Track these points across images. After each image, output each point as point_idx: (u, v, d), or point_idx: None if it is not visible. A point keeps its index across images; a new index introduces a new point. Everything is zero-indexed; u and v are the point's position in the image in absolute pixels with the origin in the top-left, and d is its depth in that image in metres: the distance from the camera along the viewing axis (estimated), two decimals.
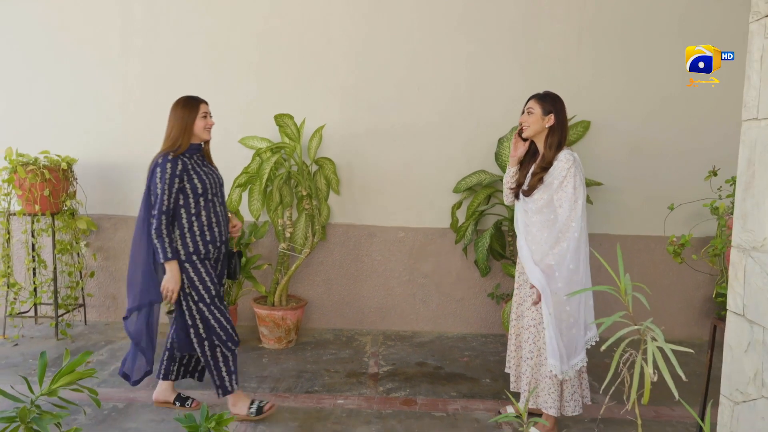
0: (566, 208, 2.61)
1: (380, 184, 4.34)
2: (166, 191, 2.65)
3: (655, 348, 1.13)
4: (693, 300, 4.35)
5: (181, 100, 2.86)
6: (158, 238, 2.65)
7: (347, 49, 4.26)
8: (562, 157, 2.66)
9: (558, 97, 2.79)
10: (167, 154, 2.70)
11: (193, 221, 2.73)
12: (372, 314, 4.43)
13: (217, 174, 2.92)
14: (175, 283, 2.69)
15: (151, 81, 4.32)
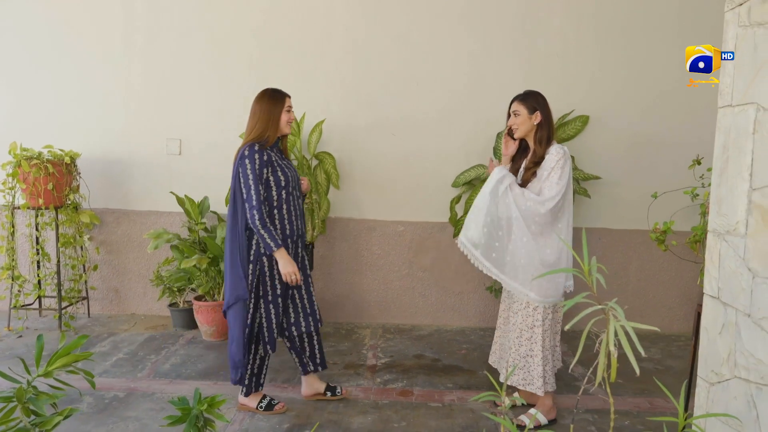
0: (547, 193, 2.70)
1: (380, 179, 4.37)
2: (258, 182, 2.64)
3: (618, 326, 1.15)
4: (692, 294, 4.36)
5: (267, 92, 2.83)
6: (264, 228, 2.63)
7: (348, 44, 4.29)
8: (553, 150, 2.74)
9: (539, 93, 2.87)
10: (253, 145, 2.69)
11: (274, 214, 2.73)
12: (371, 308, 4.46)
13: (294, 168, 2.92)
14: (293, 265, 2.70)
15: (153, 77, 4.37)
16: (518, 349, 2.85)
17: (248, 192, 2.64)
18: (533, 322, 2.80)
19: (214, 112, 4.38)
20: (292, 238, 2.80)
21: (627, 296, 4.37)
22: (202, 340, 3.96)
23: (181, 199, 3.97)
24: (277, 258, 2.69)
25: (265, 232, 2.64)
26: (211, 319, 3.87)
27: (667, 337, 4.26)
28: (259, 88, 4.40)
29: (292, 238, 2.81)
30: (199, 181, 4.39)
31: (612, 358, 1.18)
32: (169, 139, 4.41)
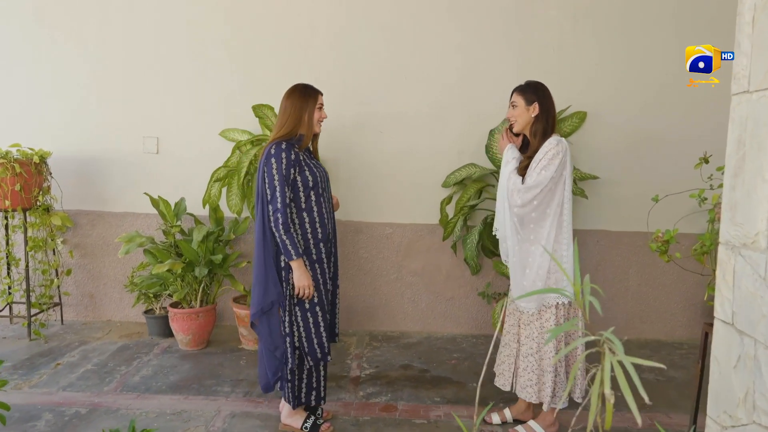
0: (533, 179, 2.51)
1: (367, 179, 4.16)
2: (284, 183, 2.45)
3: (615, 361, 0.94)
4: (695, 299, 4.14)
5: (299, 87, 2.64)
6: (287, 233, 2.43)
7: (333, 38, 4.08)
8: (547, 143, 2.54)
9: (541, 84, 2.65)
10: (280, 143, 2.49)
11: (304, 217, 2.54)
12: (358, 314, 4.25)
13: (324, 169, 2.72)
14: (308, 278, 2.50)
15: (129, 72, 4.15)
16: (540, 364, 2.62)
17: (273, 193, 2.45)
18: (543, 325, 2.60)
19: (193, 109, 4.17)
20: (324, 241, 2.61)
21: (627, 301, 4.16)
22: (178, 349, 3.74)
23: (155, 200, 3.76)
24: (294, 268, 2.48)
25: (287, 238, 2.44)
26: (187, 327, 3.66)
27: (669, 344, 4.05)
28: (239, 82, 4.25)
29: (325, 242, 2.61)
30: (177, 181, 4.18)
31: (608, 403, 0.96)
32: (146, 137, 4.20)
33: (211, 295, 3.84)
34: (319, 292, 2.58)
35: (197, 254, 3.59)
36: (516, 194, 2.51)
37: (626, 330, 4.16)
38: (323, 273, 2.61)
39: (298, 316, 2.56)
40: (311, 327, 2.58)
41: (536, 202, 2.49)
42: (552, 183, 2.48)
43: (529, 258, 2.56)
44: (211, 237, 3.69)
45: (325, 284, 2.62)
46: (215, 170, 3.79)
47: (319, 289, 2.58)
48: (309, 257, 2.57)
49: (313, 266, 2.58)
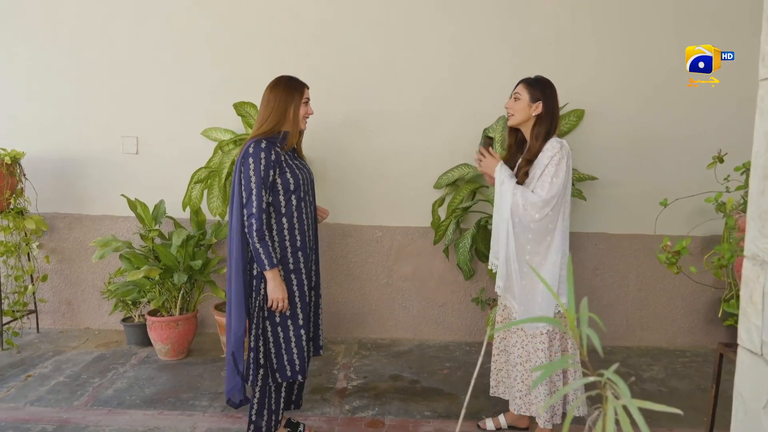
0: (542, 193, 2.34)
1: (356, 180, 3.99)
2: (262, 186, 2.25)
3: (619, 407, 0.76)
4: (697, 304, 3.98)
5: (284, 79, 2.43)
6: (261, 241, 2.23)
7: (320, 32, 3.91)
8: (549, 145, 2.39)
9: (549, 83, 2.49)
10: (260, 141, 2.28)
11: (283, 223, 2.33)
12: (347, 321, 4.08)
13: (309, 169, 2.52)
14: (283, 290, 2.30)
15: (107, 68, 3.97)
16: (524, 378, 2.48)
17: (248, 197, 2.25)
18: (536, 345, 2.43)
19: (174, 107, 3.99)
20: (304, 251, 2.39)
21: (626, 307, 3.99)
22: (157, 359, 3.57)
23: (132, 202, 3.58)
24: (268, 278, 2.28)
25: (261, 246, 2.24)
26: (165, 336, 3.48)
27: (670, 352, 3.88)
28: (222, 79, 4.06)
29: (305, 252, 2.40)
30: (158, 182, 4.00)
31: None
32: (125, 137, 4.02)
33: (191, 302, 3.66)
34: (293, 305, 2.38)
35: (176, 260, 3.42)
36: (532, 209, 2.33)
37: (626, 337, 4.00)
38: (300, 284, 2.40)
39: (267, 330, 2.36)
40: (281, 342, 2.38)
41: (552, 213, 2.35)
42: (563, 189, 2.34)
43: (542, 273, 2.39)
44: (191, 241, 3.51)
45: (303, 296, 2.41)
46: (195, 171, 3.62)
47: (293, 301, 2.38)
48: (285, 266, 2.37)
49: (288, 276, 2.37)
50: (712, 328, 3.98)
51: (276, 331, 2.38)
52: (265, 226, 2.28)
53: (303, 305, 2.42)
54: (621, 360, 3.71)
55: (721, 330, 3.96)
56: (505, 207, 2.39)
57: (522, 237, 2.38)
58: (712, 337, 3.98)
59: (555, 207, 2.34)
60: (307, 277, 2.44)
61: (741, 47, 3.36)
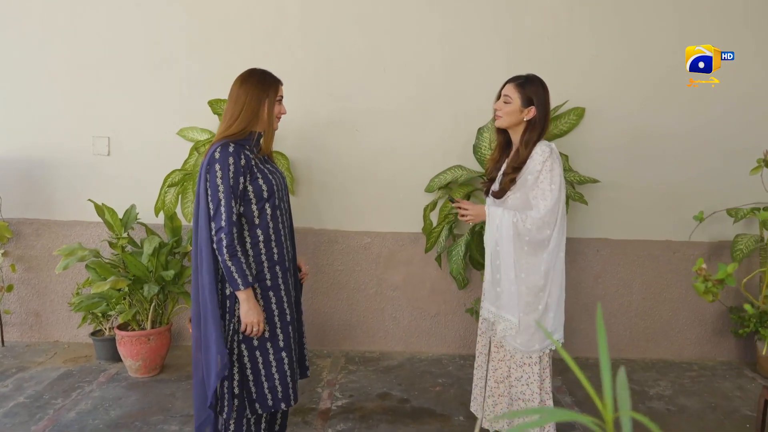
0: (542, 207, 2.14)
1: (342, 182, 3.75)
2: (231, 195, 1.99)
3: None
4: (705, 314, 3.76)
5: (257, 72, 2.17)
6: (232, 258, 1.98)
7: (304, 25, 3.66)
8: (538, 149, 2.20)
9: (541, 83, 2.27)
10: (227, 145, 2.02)
11: (258, 235, 2.08)
12: (333, 333, 3.84)
13: (281, 173, 2.26)
14: (257, 313, 2.05)
15: (76, 64, 3.72)
16: (509, 391, 2.27)
17: (216, 208, 1.99)
18: (522, 359, 2.22)
19: (148, 105, 3.74)
20: (282, 264, 2.15)
21: (630, 317, 3.76)
22: (127, 376, 3.32)
23: (100, 207, 3.33)
24: (241, 300, 2.03)
25: (233, 264, 1.98)
26: (136, 351, 3.23)
27: (677, 365, 3.66)
28: (199, 75, 3.80)
29: (282, 265, 2.15)
30: (131, 185, 3.75)
31: None
32: (96, 137, 3.77)
33: (164, 314, 3.41)
34: (273, 326, 2.13)
35: (147, 269, 3.17)
36: (537, 230, 2.15)
37: (629, 349, 3.77)
38: (279, 301, 2.15)
39: (243, 355, 2.11)
40: (261, 368, 2.12)
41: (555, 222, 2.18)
42: (560, 194, 2.16)
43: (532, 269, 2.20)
44: (164, 249, 3.27)
45: (282, 315, 2.16)
46: (169, 174, 3.38)
47: (272, 321, 2.13)
48: (262, 284, 2.11)
49: (266, 294, 2.12)
50: (720, 340, 3.75)
51: (254, 356, 2.12)
52: (237, 240, 2.02)
53: (283, 325, 2.17)
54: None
55: (730, 342, 3.74)
56: (506, 241, 2.19)
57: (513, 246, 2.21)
58: (721, 349, 3.76)
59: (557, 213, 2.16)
60: (286, 293, 2.19)
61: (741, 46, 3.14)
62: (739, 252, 3.35)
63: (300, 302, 2.40)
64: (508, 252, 2.17)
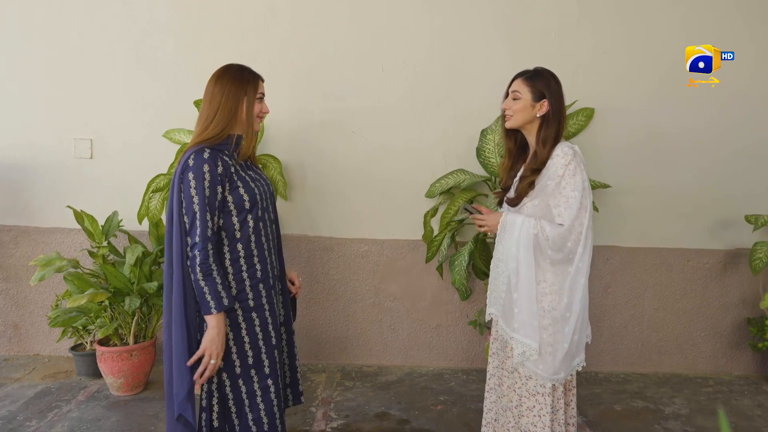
0: (566, 217, 1.91)
1: (338, 186, 3.55)
2: (207, 206, 1.80)
3: None
4: (721, 326, 3.56)
5: (233, 68, 1.97)
6: (206, 278, 1.79)
7: (297, 21, 3.46)
8: (559, 151, 1.96)
9: (552, 75, 2.06)
10: (202, 151, 1.83)
11: (238, 251, 1.89)
12: (329, 346, 3.64)
13: (266, 180, 2.07)
14: (220, 343, 1.82)
15: (57, 62, 3.51)
16: (518, 421, 2.06)
17: (192, 221, 1.80)
18: (536, 388, 2.01)
19: (132, 106, 3.54)
20: (266, 282, 1.96)
21: (642, 330, 3.56)
22: (108, 394, 3.11)
23: (79, 214, 3.13)
24: (210, 325, 1.81)
25: (206, 284, 1.79)
26: (117, 369, 3.03)
27: (692, 380, 3.46)
28: (187, 74, 3.56)
29: (267, 283, 1.97)
30: (115, 190, 3.56)
31: None
32: (78, 140, 3.57)
33: (149, 328, 3.21)
34: (257, 351, 1.93)
35: (128, 281, 2.97)
36: (561, 243, 1.91)
37: (641, 363, 3.57)
38: (264, 323, 1.95)
39: (225, 385, 1.91)
40: (244, 398, 1.92)
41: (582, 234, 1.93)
42: (584, 199, 1.92)
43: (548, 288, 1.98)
44: (147, 259, 3.06)
45: (267, 338, 1.96)
46: (153, 178, 3.17)
47: (257, 346, 1.93)
48: (244, 304, 1.91)
49: (248, 316, 1.92)
50: (736, 353, 3.56)
51: (236, 385, 1.92)
52: (213, 258, 1.81)
53: (269, 349, 1.96)
54: (638, 390, 3.29)
55: (747, 355, 3.55)
56: (526, 254, 1.95)
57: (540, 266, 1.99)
58: (737, 363, 3.57)
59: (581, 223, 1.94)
60: (271, 313, 1.98)
61: None
62: (759, 261, 3.15)
63: (291, 322, 2.20)
64: (529, 267, 1.95)
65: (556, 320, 1.96)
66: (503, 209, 2.15)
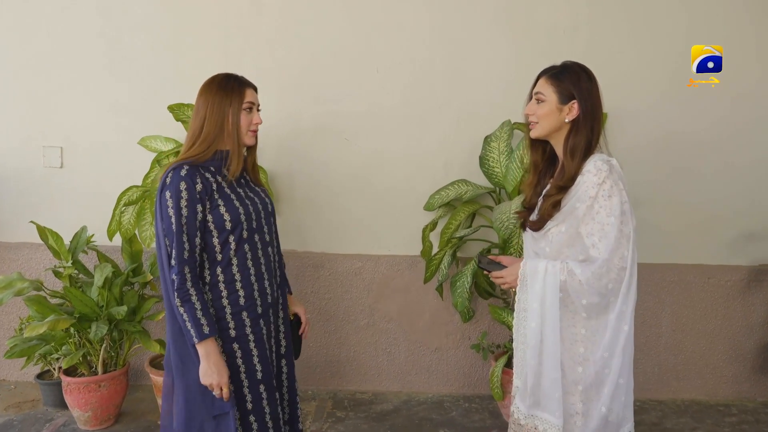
0: (602, 249, 1.56)
1: (330, 198, 3.28)
2: (183, 227, 1.68)
3: None
4: (743, 349, 3.29)
5: (218, 79, 1.83)
6: (184, 304, 1.67)
7: (285, 18, 3.19)
8: (591, 166, 1.61)
9: (583, 69, 1.70)
10: (180, 167, 1.71)
11: (218, 275, 1.75)
12: (320, 370, 3.36)
13: (263, 198, 1.92)
14: (220, 374, 1.68)
15: (26, 66, 3.24)
16: None
17: (171, 243, 1.69)
18: None
19: (106, 111, 3.27)
20: (251, 310, 1.79)
21: (658, 352, 3.30)
22: (76, 428, 2.83)
23: (42, 230, 2.84)
24: (200, 354, 1.68)
25: (185, 311, 1.67)
26: (84, 401, 2.75)
27: (713, 408, 3.19)
28: (165, 77, 3.25)
29: (253, 311, 1.80)
30: (87, 201, 3.29)
31: None
32: (47, 147, 3.29)
33: (120, 355, 2.92)
34: (238, 385, 1.77)
35: (95, 305, 2.68)
36: (597, 284, 1.56)
37: (658, 388, 3.30)
38: (247, 355, 1.77)
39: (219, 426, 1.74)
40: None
41: (626, 269, 1.58)
42: (623, 226, 1.57)
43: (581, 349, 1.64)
44: (118, 280, 2.78)
45: (251, 372, 1.78)
46: (125, 190, 2.89)
47: (238, 380, 1.77)
48: (224, 333, 1.75)
49: (229, 347, 1.76)
50: (761, 378, 3.29)
51: (211, 424, 1.75)
52: (191, 282, 1.67)
53: (253, 384, 1.80)
54: (656, 421, 3.02)
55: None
56: (552, 311, 1.61)
57: (571, 320, 1.65)
58: (761, 388, 3.30)
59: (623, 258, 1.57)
60: (257, 344, 1.80)
61: None
62: None
63: (291, 353, 2.01)
64: (554, 325, 1.61)
65: (589, 382, 1.61)
66: (525, 238, 1.84)
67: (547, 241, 1.68)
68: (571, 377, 1.62)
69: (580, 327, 1.62)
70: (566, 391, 1.62)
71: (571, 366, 1.62)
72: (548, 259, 1.66)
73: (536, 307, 1.63)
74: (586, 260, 1.58)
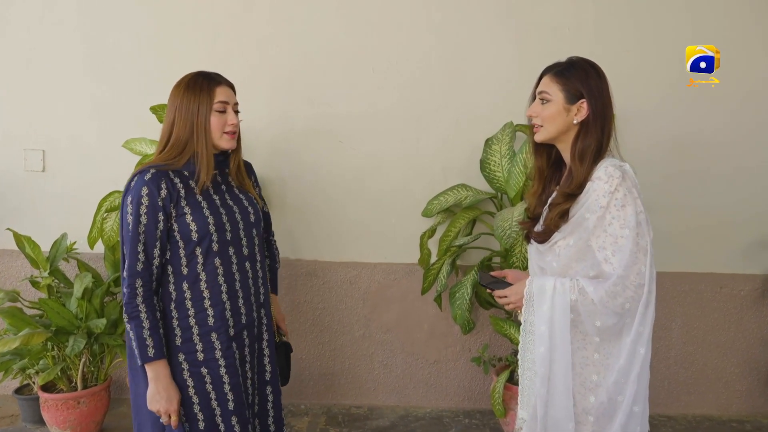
0: (616, 263, 1.40)
1: (323, 204, 3.13)
2: (140, 236, 1.56)
3: None
4: (757, 362, 3.14)
5: (188, 78, 1.72)
6: (131, 320, 1.56)
7: (276, 16, 3.05)
8: (602, 173, 1.45)
9: (592, 65, 1.55)
10: (145, 171, 1.60)
11: (184, 291, 1.62)
12: (313, 384, 3.22)
13: (245, 206, 1.76)
14: (170, 400, 1.56)
15: (5, 66, 3.11)
16: None
17: (125, 252, 1.58)
18: None
19: (90, 112, 3.13)
20: (222, 331, 1.64)
21: (668, 365, 3.14)
22: None
23: (19, 237, 2.70)
24: (149, 376, 1.56)
25: (132, 328, 1.56)
26: (63, 418, 2.60)
27: (726, 424, 3.04)
28: (150, 77, 3.08)
29: (223, 333, 1.65)
30: (70, 207, 3.15)
31: None
32: (28, 150, 3.16)
33: (101, 370, 2.78)
34: (209, 414, 1.63)
35: (73, 317, 2.54)
36: (611, 303, 1.40)
37: (668, 403, 3.15)
38: (218, 381, 1.63)
39: None
40: None
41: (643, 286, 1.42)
42: (639, 239, 1.41)
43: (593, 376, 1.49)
44: (98, 290, 2.64)
45: (223, 399, 1.63)
46: (105, 196, 2.75)
47: (209, 407, 1.64)
48: (191, 356, 1.61)
49: (197, 372, 1.62)
50: None
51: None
52: (142, 297, 1.55)
53: (225, 412, 1.64)
54: None
55: None
56: (562, 334, 1.45)
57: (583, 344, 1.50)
58: None
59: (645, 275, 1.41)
60: (229, 369, 1.64)
61: None
62: None
63: (278, 379, 1.87)
64: (565, 350, 1.46)
65: (602, 410, 1.47)
66: (530, 251, 1.68)
67: (554, 254, 1.53)
68: (582, 406, 1.48)
69: (593, 351, 1.47)
70: (577, 421, 1.47)
71: (583, 393, 1.48)
72: (556, 275, 1.50)
73: (544, 330, 1.48)
74: (597, 276, 1.43)
